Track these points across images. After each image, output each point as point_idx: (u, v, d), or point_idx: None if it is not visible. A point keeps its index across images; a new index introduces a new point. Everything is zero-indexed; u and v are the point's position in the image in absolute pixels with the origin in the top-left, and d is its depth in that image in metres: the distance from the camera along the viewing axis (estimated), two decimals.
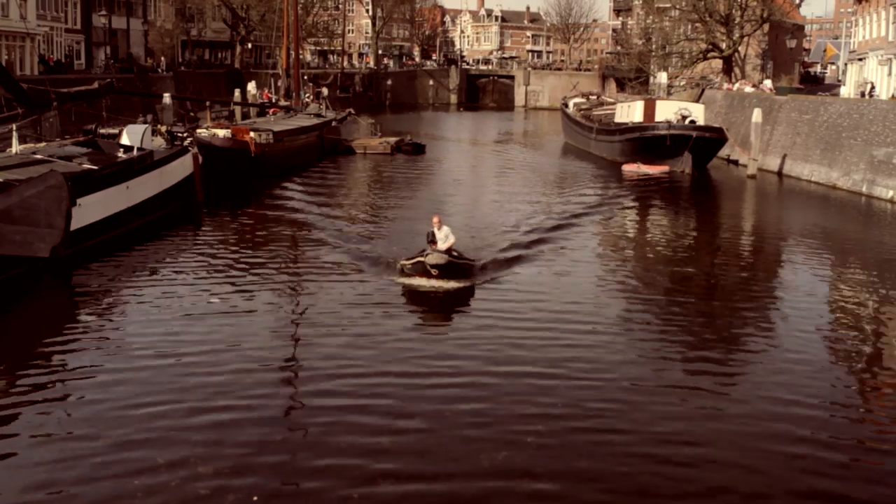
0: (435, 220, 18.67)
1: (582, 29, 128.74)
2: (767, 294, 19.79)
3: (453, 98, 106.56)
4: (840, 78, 66.10)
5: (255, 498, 9.54)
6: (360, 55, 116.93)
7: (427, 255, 17.37)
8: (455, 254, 18.10)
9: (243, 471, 10.08)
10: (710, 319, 17.34)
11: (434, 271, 17.46)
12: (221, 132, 34.07)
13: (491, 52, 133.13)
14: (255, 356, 13.97)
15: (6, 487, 9.70)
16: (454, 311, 17.13)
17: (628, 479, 10.19)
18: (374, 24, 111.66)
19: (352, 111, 55.65)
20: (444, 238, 18.20)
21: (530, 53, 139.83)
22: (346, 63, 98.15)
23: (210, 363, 13.57)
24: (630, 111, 46.99)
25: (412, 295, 17.62)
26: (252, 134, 34.89)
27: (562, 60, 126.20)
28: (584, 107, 59.98)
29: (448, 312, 17.12)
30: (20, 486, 9.68)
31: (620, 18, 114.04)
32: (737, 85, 57.24)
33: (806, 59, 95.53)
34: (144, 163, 24.90)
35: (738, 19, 61.95)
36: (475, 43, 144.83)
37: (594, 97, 66.42)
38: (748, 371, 14.15)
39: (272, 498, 9.56)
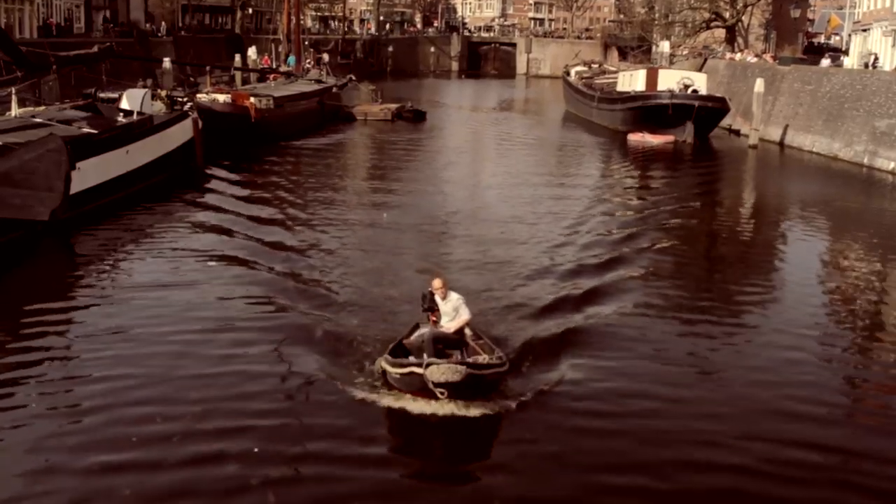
0: (437, 283, 11.60)
1: None
2: (771, 260, 20.00)
3: (454, 65, 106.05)
4: (841, 47, 65.54)
5: (256, 449, 9.64)
6: (362, 21, 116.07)
7: (429, 364, 10.09)
8: (469, 334, 11.68)
9: (244, 428, 10.15)
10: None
11: (441, 392, 10.16)
12: (221, 97, 34.02)
13: (493, 20, 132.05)
14: (253, 318, 14.00)
15: (9, 445, 9.79)
16: (475, 471, 9.76)
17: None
18: None
19: (353, 77, 55.40)
20: (452, 313, 11.54)
21: (532, 21, 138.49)
22: (346, 29, 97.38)
23: (208, 327, 13.60)
24: (632, 80, 46.79)
25: (401, 427, 10.46)
26: (252, 99, 34.82)
27: (564, 28, 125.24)
28: (585, 75, 59.80)
29: (464, 472, 9.82)
30: (22, 443, 9.77)
31: None
32: (739, 55, 56.90)
33: (810, 28, 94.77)
34: (144, 127, 24.85)
35: None
36: (477, 10, 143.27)
37: (596, 65, 66.20)
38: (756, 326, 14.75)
39: (272, 460, 9.61)
